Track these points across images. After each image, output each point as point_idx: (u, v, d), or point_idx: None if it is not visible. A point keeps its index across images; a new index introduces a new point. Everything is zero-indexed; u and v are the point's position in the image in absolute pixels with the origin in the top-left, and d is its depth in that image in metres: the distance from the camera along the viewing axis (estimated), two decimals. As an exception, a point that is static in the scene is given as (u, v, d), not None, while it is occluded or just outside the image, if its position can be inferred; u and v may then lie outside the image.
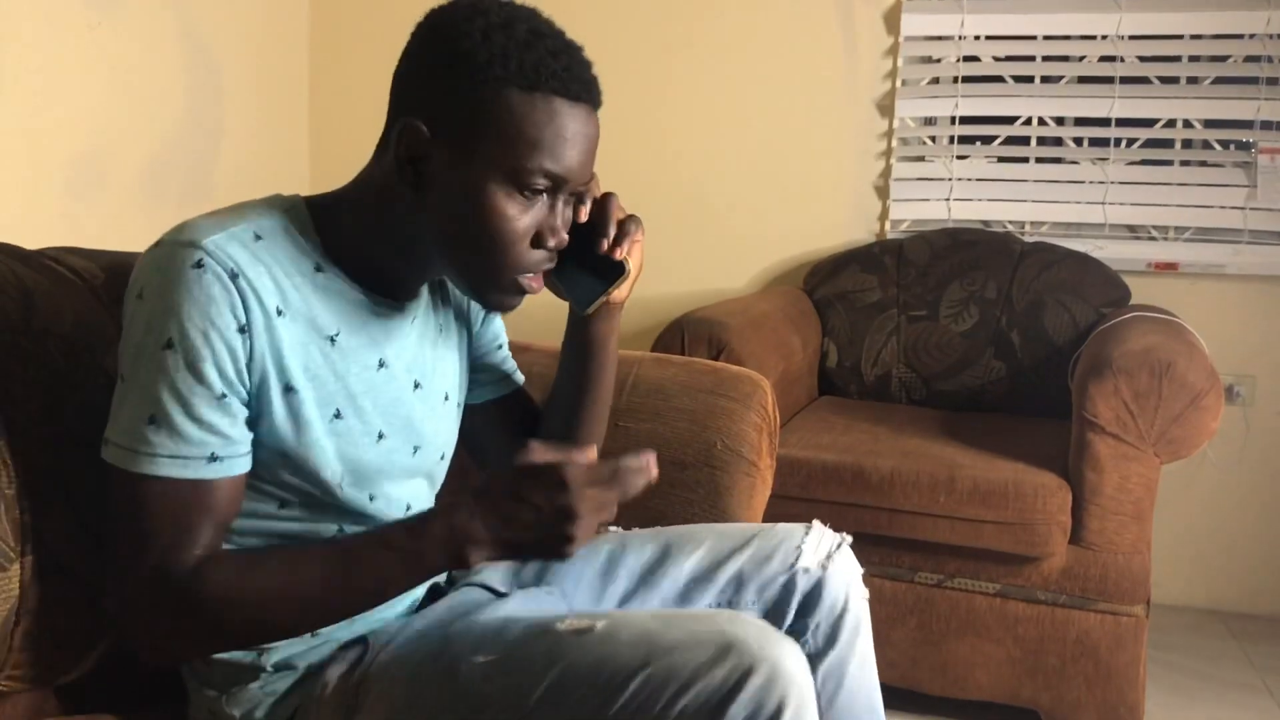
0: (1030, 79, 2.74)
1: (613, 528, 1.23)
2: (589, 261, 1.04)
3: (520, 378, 1.25)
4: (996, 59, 2.75)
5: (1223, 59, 2.61)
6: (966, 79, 2.75)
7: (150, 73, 2.52)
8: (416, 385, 1.06)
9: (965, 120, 2.76)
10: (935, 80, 2.79)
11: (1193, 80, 2.63)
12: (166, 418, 0.88)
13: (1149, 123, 2.66)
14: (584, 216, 1.02)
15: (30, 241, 1.17)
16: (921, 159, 2.82)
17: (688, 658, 0.83)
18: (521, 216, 0.94)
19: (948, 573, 1.98)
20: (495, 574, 1.17)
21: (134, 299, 0.90)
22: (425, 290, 1.08)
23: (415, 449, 1.06)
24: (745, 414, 1.45)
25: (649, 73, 2.92)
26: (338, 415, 0.98)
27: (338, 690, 0.95)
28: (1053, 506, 1.89)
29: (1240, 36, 2.57)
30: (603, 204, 1.05)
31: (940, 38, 2.76)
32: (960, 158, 2.77)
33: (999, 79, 2.75)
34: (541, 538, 0.86)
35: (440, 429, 1.11)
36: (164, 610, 0.88)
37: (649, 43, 2.92)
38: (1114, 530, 1.90)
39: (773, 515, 1.33)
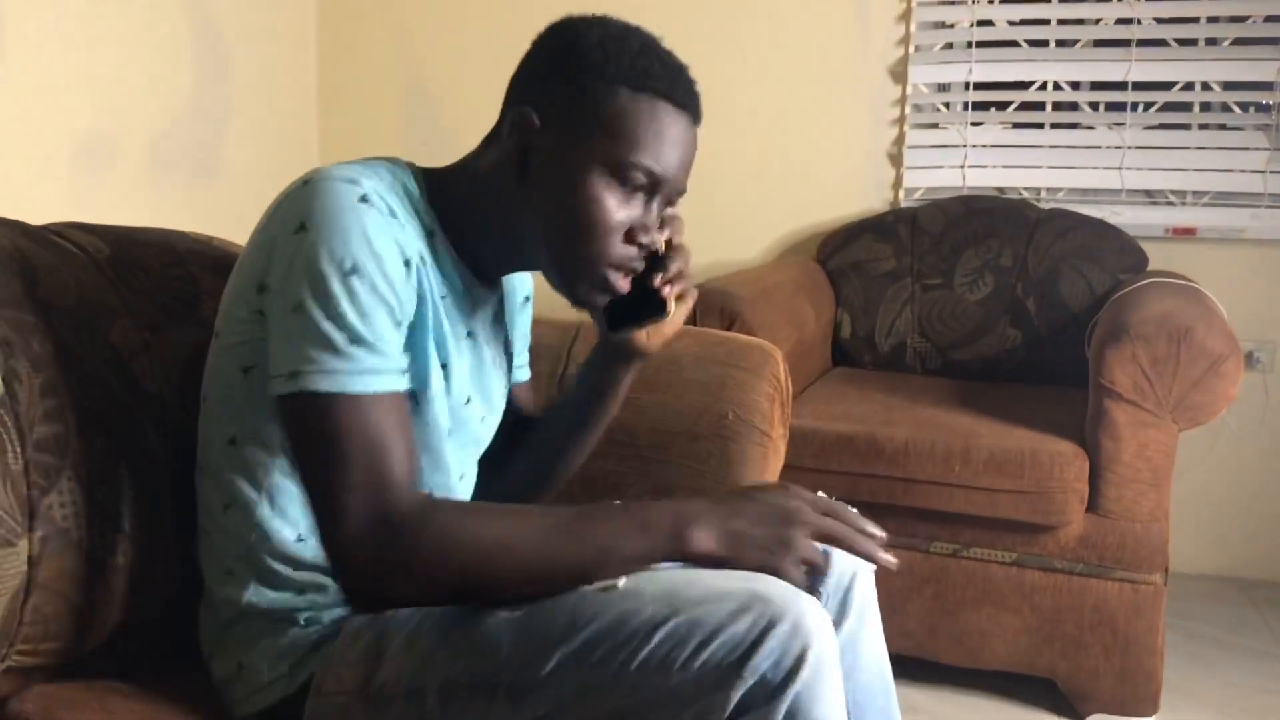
0: (1045, 43, 2.70)
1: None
2: (634, 291, 1.05)
3: (524, 374, 1.28)
4: (1011, 23, 2.71)
5: (1242, 19, 2.56)
6: (980, 44, 2.71)
7: (157, 47, 2.51)
8: (493, 361, 1.14)
9: (980, 86, 2.73)
10: (949, 45, 2.75)
11: (1211, 42, 2.59)
12: (358, 336, 0.90)
13: (1167, 86, 2.61)
14: (661, 245, 1.04)
15: (36, 217, 1.17)
16: (935, 126, 2.78)
17: (712, 609, 0.84)
18: (619, 209, 0.99)
19: (963, 542, 1.97)
20: None
21: (291, 234, 0.92)
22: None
23: (482, 418, 1.13)
24: (757, 384, 1.44)
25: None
26: (444, 366, 1.02)
27: (362, 638, 0.96)
28: (1070, 475, 1.88)
29: (1260, -4, 2.53)
30: (677, 246, 1.08)
31: (954, 2, 2.72)
32: (975, 124, 2.74)
33: (1014, 43, 2.71)
34: (763, 534, 0.92)
35: (503, 405, 1.19)
36: (387, 548, 0.88)
37: (659, 11, 2.88)
38: (1132, 498, 1.89)
39: (786, 485, 1.32)
